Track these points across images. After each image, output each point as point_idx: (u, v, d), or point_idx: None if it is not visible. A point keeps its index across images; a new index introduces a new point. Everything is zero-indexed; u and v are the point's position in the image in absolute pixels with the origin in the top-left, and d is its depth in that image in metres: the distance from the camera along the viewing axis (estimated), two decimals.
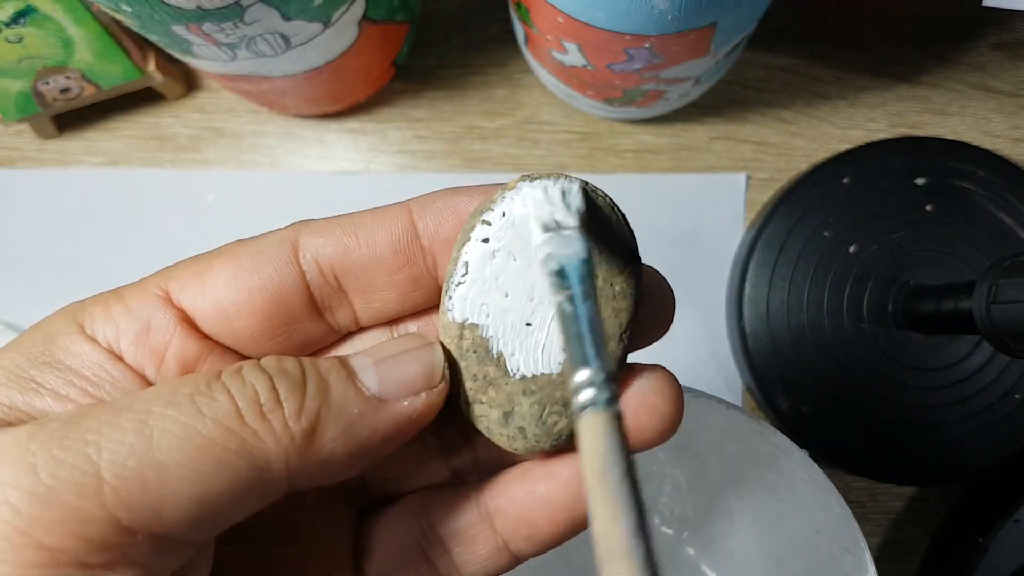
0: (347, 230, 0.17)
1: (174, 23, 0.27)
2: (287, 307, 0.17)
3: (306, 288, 0.17)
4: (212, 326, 0.17)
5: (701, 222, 0.40)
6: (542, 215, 0.15)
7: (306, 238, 0.17)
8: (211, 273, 0.17)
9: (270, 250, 0.17)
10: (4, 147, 0.41)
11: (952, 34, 0.41)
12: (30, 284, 0.40)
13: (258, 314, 0.17)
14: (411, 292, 0.17)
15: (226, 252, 0.17)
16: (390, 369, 0.16)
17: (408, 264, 0.17)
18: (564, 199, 0.15)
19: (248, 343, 0.17)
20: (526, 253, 0.16)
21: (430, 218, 0.17)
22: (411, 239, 0.17)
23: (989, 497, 0.36)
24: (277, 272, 0.17)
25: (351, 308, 0.18)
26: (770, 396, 0.37)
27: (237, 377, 0.15)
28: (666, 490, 0.36)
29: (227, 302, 0.16)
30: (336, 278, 0.17)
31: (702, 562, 0.35)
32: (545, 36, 0.32)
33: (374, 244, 0.17)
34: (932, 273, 0.36)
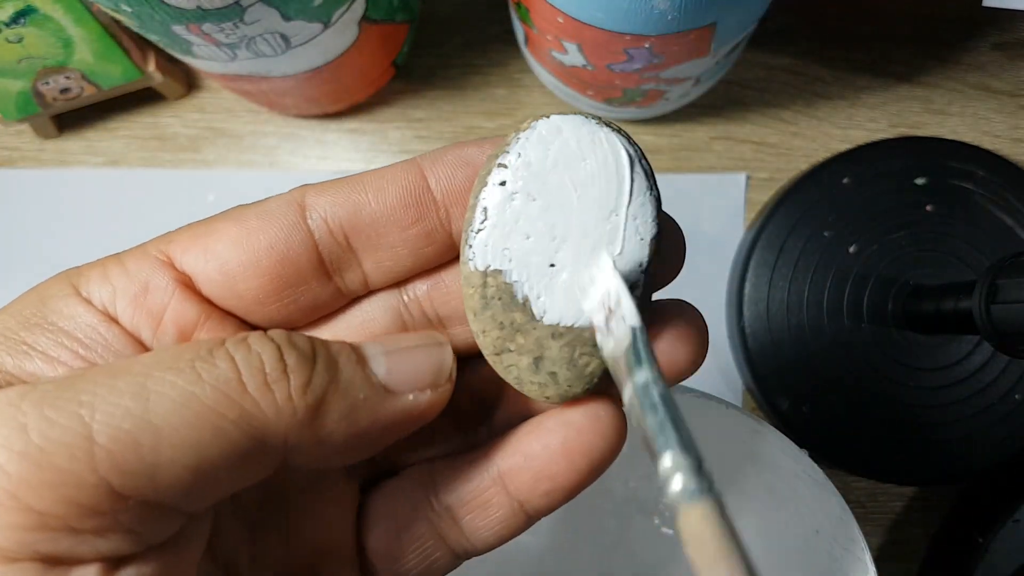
0: (356, 188, 0.17)
1: (174, 23, 0.27)
2: (294, 268, 0.16)
3: (314, 248, 0.16)
4: (215, 288, 0.16)
5: (701, 222, 0.40)
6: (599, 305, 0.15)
7: (313, 198, 0.17)
8: (215, 236, 0.16)
9: (276, 211, 0.16)
10: (4, 147, 0.41)
11: (952, 34, 0.41)
12: (30, 284, 0.40)
13: (264, 275, 0.16)
14: (424, 248, 0.17)
15: (230, 216, 0.17)
16: (401, 360, 0.16)
17: (421, 218, 0.17)
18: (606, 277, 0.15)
19: (252, 305, 0.17)
20: (545, 192, 0.16)
21: (442, 171, 0.17)
22: (423, 191, 0.17)
23: (989, 497, 0.36)
24: (284, 232, 0.16)
25: (361, 269, 0.17)
26: (770, 396, 0.37)
27: (243, 345, 0.14)
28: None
29: (232, 263, 0.16)
30: (346, 237, 0.17)
31: None
32: (545, 36, 0.32)
33: (385, 199, 0.17)
34: (932, 273, 0.36)
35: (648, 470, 0.36)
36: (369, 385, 0.15)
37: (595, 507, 0.36)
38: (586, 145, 0.16)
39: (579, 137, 0.16)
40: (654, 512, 0.36)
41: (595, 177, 0.16)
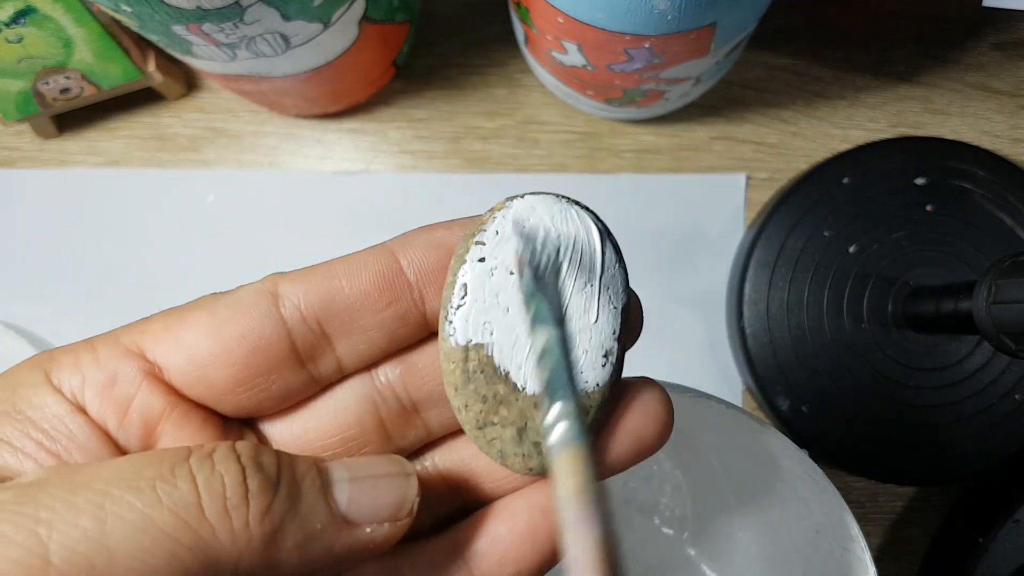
0: (329, 275, 0.17)
1: (174, 23, 0.27)
2: (267, 357, 0.16)
3: (287, 337, 0.17)
4: (185, 379, 0.16)
5: (701, 222, 0.40)
6: (524, 256, 0.15)
7: (286, 287, 0.17)
8: (185, 325, 0.16)
9: (248, 300, 0.17)
10: (4, 147, 0.41)
11: (952, 34, 0.41)
12: (30, 284, 0.40)
13: (236, 364, 0.16)
14: (398, 329, 0.17)
15: (201, 305, 0.17)
16: (364, 490, 0.16)
17: (395, 300, 0.17)
18: (545, 243, 0.16)
19: (223, 395, 0.17)
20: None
21: (414, 253, 0.17)
22: (396, 274, 0.17)
23: (989, 497, 0.36)
24: (256, 322, 0.16)
25: (334, 354, 0.17)
26: (770, 396, 0.37)
27: (207, 463, 0.14)
28: (666, 491, 0.36)
29: (203, 353, 0.16)
30: (319, 324, 0.17)
31: (702, 563, 0.35)
32: (545, 36, 0.32)
33: (359, 283, 0.17)
34: (932, 273, 0.36)
35: (648, 471, 0.36)
36: (328, 514, 0.15)
37: None
38: (559, 222, 0.17)
39: (552, 214, 0.17)
40: (654, 512, 0.36)
41: (568, 252, 0.17)
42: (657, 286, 0.40)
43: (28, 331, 0.39)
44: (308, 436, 0.18)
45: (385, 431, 0.18)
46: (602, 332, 0.17)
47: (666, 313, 0.39)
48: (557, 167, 0.40)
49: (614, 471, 0.17)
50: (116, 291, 0.40)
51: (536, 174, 0.40)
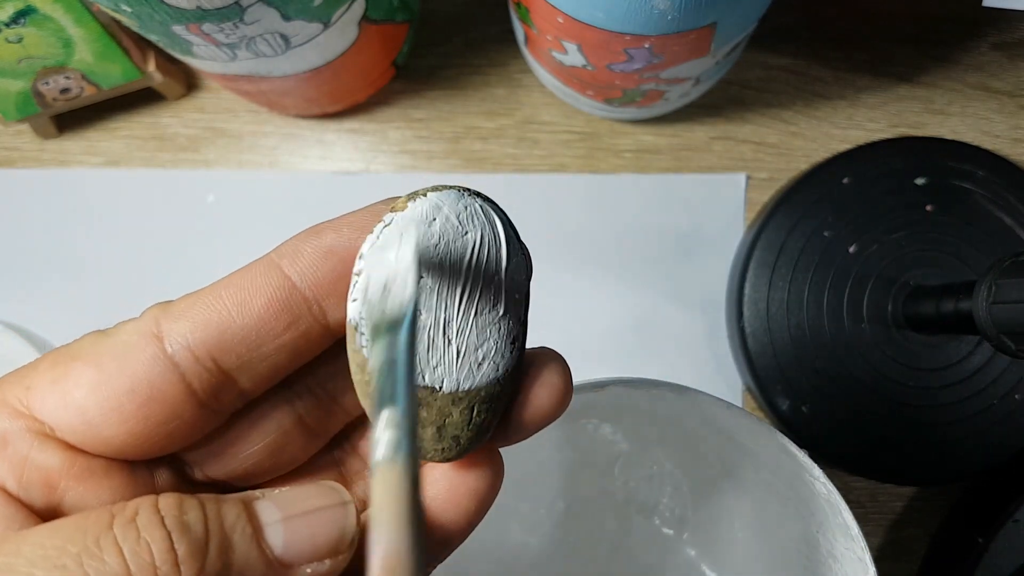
0: (214, 306, 0.15)
1: (174, 23, 0.27)
2: (161, 406, 0.15)
3: (181, 382, 0.15)
4: (79, 438, 0.15)
5: (701, 222, 0.40)
6: (371, 269, 0.15)
7: (169, 325, 0.15)
8: (71, 381, 0.15)
9: (132, 347, 0.15)
10: (4, 147, 0.41)
11: (952, 34, 0.41)
12: (30, 284, 0.40)
13: (129, 420, 0.15)
14: (302, 348, 0.16)
15: (85, 354, 0.15)
16: (299, 529, 0.15)
17: (294, 322, 0.16)
18: (399, 244, 0.15)
19: (123, 448, 0.16)
20: (432, 267, 0.16)
21: (304, 265, 0.16)
22: (290, 292, 0.16)
23: (989, 497, 0.36)
24: (145, 371, 0.15)
25: (236, 387, 0.16)
26: (770, 396, 0.37)
27: (131, 531, 0.14)
28: (667, 491, 0.36)
29: (92, 412, 0.15)
30: (215, 362, 0.15)
31: (702, 563, 0.35)
32: (545, 36, 0.32)
33: (250, 311, 0.15)
34: (932, 273, 0.36)
35: (648, 471, 0.36)
36: (264, 562, 0.15)
37: (596, 508, 0.36)
38: (465, 218, 0.16)
39: (458, 211, 0.16)
40: (654, 513, 0.36)
41: (476, 247, 0.16)
42: (657, 286, 0.40)
43: (28, 331, 0.39)
44: (228, 451, 0.17)
45: (306, 426, 0.18)
46: (509, 321, 0.17)
47: (666, 313, 0.39)
48: (557, 167, 0.40)
49: (525, 433, 0.17)
50: (116, 291, 0.40)
51: (536, 174, 0.40)
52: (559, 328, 0.39)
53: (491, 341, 0.17)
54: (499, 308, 0.17)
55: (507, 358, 0.17)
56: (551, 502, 0.36)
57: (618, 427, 0.35)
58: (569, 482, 0.36)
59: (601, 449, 0.36)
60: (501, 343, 0.17)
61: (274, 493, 0.16)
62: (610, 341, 0.39)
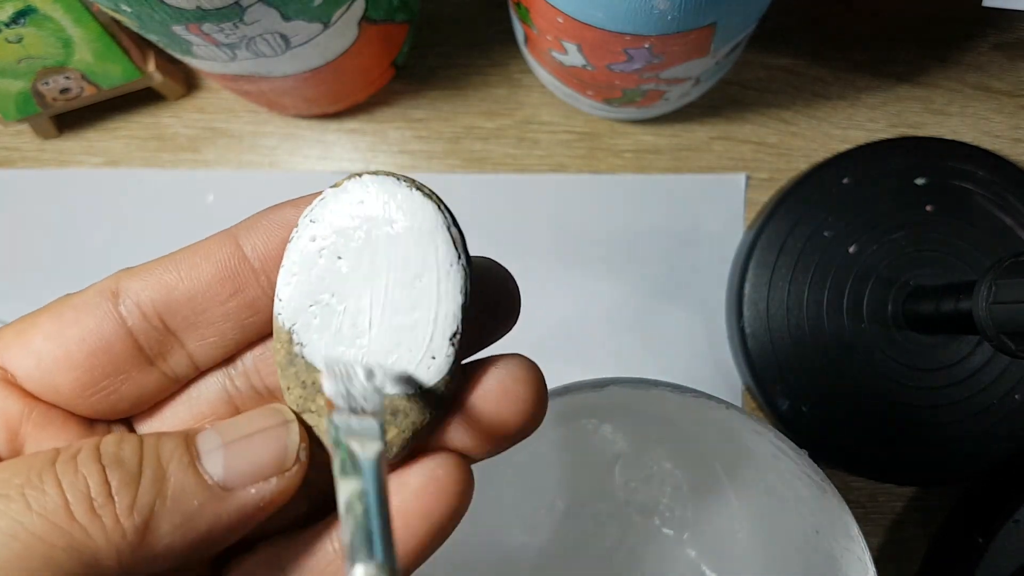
0: (167, 268, 0.16)
1: (174, 23, 0.27)
2: (109, 358, 0.16)
3: (129, 336, 0.16)
4: (34, 384, 0.16)
5: (701, 222, 0.40)
6: (339, 391, 0.14)
7: (126, 283, 0.16)
8: (34, 330, 0.16)
9: (89, 301, 0.16)
10: (4, 147, 0.41)
11: (952, 34, 0.41)
12: (30, 284, 0.40)
13: (78, 368, 0.16)
14: (249, 319, 0.17)
15: (51, 308, 0.17)
16: (239, 453, 0.15)
17: (240, 289, 0.16)
18: (369, 379, 0.14)
19: (72, 398, 0.16)
20: (350, 253, 0.15)
21: (257, 237, 0.16)
22: (239, 262, 0.16)
23: (989, 497, 0.36)
24: (95, 322, 0.16)
25: (184, 350, 0.17)
26: (770, 396, 0.37)
27: (70, 466, 0.14)
28: (667, 491, 0.36)
29: (46, 358, 0.16)
30: (162, 320, 0.16)
31: (702, 563, 0.35)
32: (545, 36, 0.32)
33: (199, 275, 0.16)
34: (932, 273, 0.36)
35: (648, 472, 0.36)
36: (203, 489, 0.15)
37: (595, 509, 0.36)
38: (394, 207, 0.15)
39: (388, 198, 0.15)
40: (654, 513, 0.36)
41: (402, 240, 0.15)
42: (657, 286, 0.40)
43: None
44: (165, 426, 0.18)
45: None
46: (429, 331, 0.15)
47: (666, 313, 0.39)
48: (557, 167, 0.40)
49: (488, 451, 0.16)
50: None
51: (536, 174, 0.40)
52: (558, 328, 0.39)
53: (404, 348, 0.15)
54: (418, 316, 0.15)
55: (424, 374, 0.15)
56: (551, 502, 0.36)
57: (618, 427, 0.35)
58: (569, 482, 0.36)
59: (601, 449, 0.36)
60: (416, 354, 0.15)
61: (219, 424, 0.16)
62: (610, 341, 0.39)
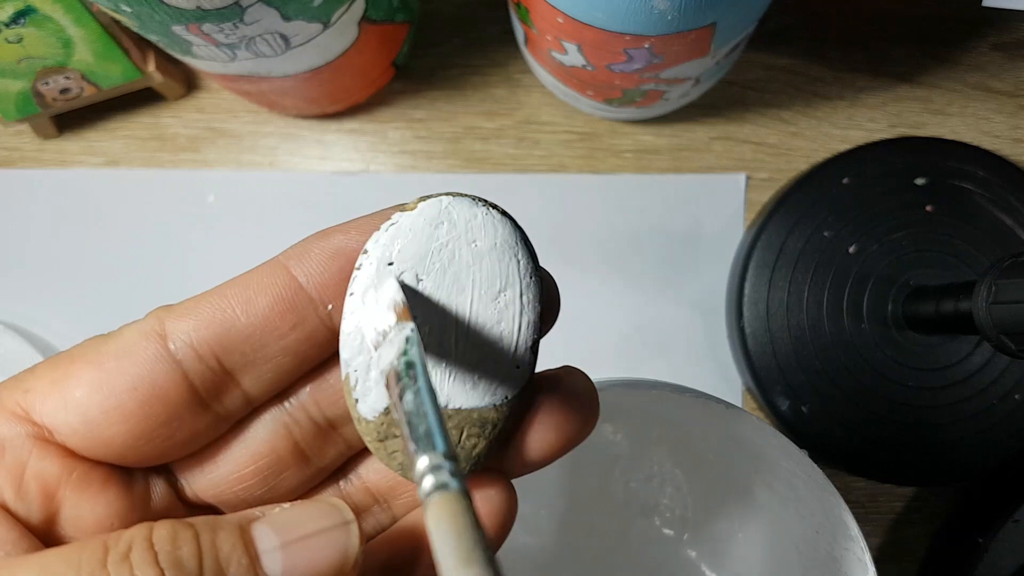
0: (219, 305, 0.15)
1: (174, 23, 0.27)
2: (163, 405, 0.15)
3: (184, 380, 0.15)
4: (79, 439, 0.15)
5: (701, 222, 0.40)
6: (366, 322, 0.14)
7: (174, 323, 0.15)
8: (71, 381, 0.15)
9: (134, 346, 0.15)
10: (4, 147, 0.41)
11: (952, 34, 0.41)
12: (30, 284, 0.40)
13: (130, 419, 0.15)
14: (308, 351, 0.16)
15: (85, 355, 0.15)
16: (298, 554, 0.15)
17: (300, 322, 0.16)
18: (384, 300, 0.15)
19: (122, 451, 0.15)
20: (433, 274, 0.15)
21: (312, 266, 0.16)
22: (296, 293, 0.16)
23: (989, 497, 0.36)
24: (147, 369, 0.15)
25: (240, 389, 0.16)
26: (770, 396, 0.37)
27: (125, 569, 0.13)
28: (667, 492, 0.36)
29: (93, 411, 0.15)
30: (218, 360, 0.15)
31: (702, 563, 0.35)
32: (545, 36, 0.32)
33: (255, 310, 0.15)
34: (932, 273, 0.36)
35: (649, 472, 0.36)
36: None
37: (596, 509, 0.36)
38: (476, 227, 0.15)
39: (468, 218, 0.15)
40: (654, 513, 0.36)
41: (484, 259, 0.15)
42: (657, 286, 0.40)
43: (28, 331, 0.39)
44: (220, 472, 0.17)
45: (302, 453, 0.17)
46: (516, 345, 0.16)
47: (666, 313, 0.39)
48: (557, 167, 0.40)
49: (534, 466, 0.17)
50: (116, 291, 0.40)
51: (536, 174, 0.40)
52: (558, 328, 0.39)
53: (491, 361, 0.16)
54: (503, 328, 0.16)
55: (508, 384, 0.16)
56: (551, 502, 0.36)
57: (618, 427, 0.35)
58: (569, 482, 0.36)
59: (601, 449, 0.36)
60: (502, 365, 0.16)
61: (273, 512, 0.15)
62: (610, 341, 0.39)
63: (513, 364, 0.16)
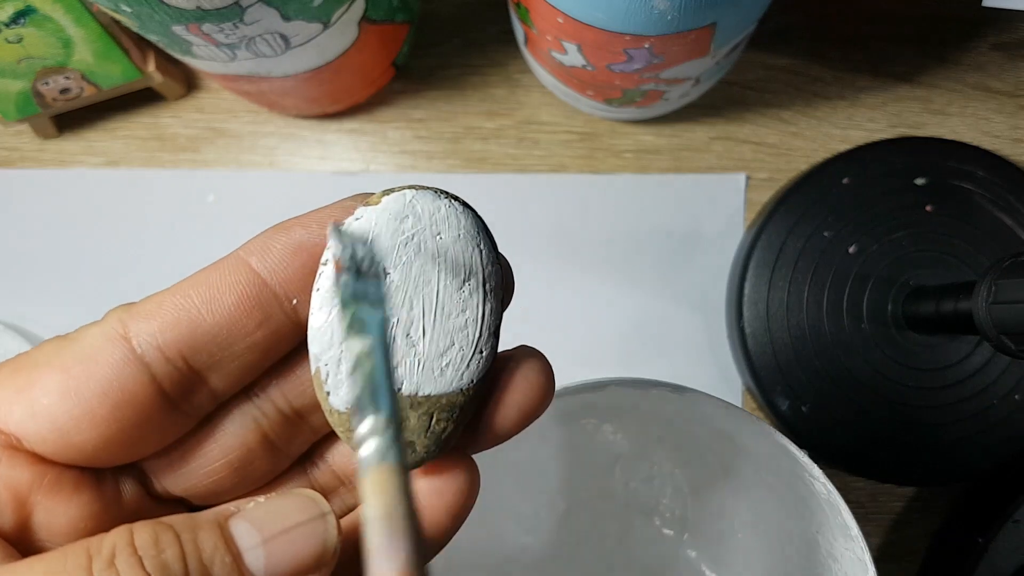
0: (183, 304, 0.15)
1: (174, 23, 0.27)
2: (134, 409, 0.15)
3: (152, 383, 0.15)
4: (49, 446, 0.15)
5: (701, 222, 0.40)
6: (344, 256, 0.14)
7: (137, 325, 0.15)
8: (37, 389, 0.15)
9: (100, 350, 0.15)
10: (4, 147, 0.41)
11: (952, 34, 0.41)
12: (30, 284, 0.40)
13: (101, 424, 0.15)
14: (273, 345, 0.16)
15: (49, 361, 0.15)
16: (279, 549, 0.15)
17: (266, 318, 0.16)
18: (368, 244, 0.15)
19: (94, 454, 0.15)
20: (399, 266, 0.16)
21: (274, 261, 0.16)
22: (260, 290, 0.16)
23: (989, 497, 0.36)
24: (115, 373, 0.15)
25: (207, 388, 0.16)
26: (770, 396, 0.37)
27: (111, 574, 0.13)
28: (667, 492, 0.36)
29: (62, 419, 0.15)
30: (186, 361, 0.15)
31: (702, 563, 0.35)
32: (545, 36, 0.32)
33: (221, 308, 0.15)
34: (932, 273, 0.36)
35: (648, 472, 0.36)
36: None
37: (596, 509, 0.36)
38: (439, 219, 0.16)
39: (432, 211, 0.16)
40: (654, 513, 0.36)
41: (448, 250, 0.16)
42: (657, 286, 0.40)
43: (28, 331, 0.39)
44: (190, 467, 0.17)
45: (271, 444, 0.17)
46: (479, 331, 0.16)
47: (666, 313, 0.39)
48: (557, 167, 0.40)
49: (500, 440, 0.17)
50: (116, 291, 0.40)
51: (536, 174, 0.40)
52: (558, 328, 0.39)
53: (456, 348, 0.16)
54: (468, 315, 0.16)
55: (473, 368, 0.16)
56: (551, 502, 0.36)
57: (618, 427, 0.35)
58: (569, 482, 0.36)
59: (601, 449, 0.36)
60: (468, 352, 0.16)
61: (249, 507, 0.15)
62: (610, 341, 0.39)
63: (478, 349, 0.16)
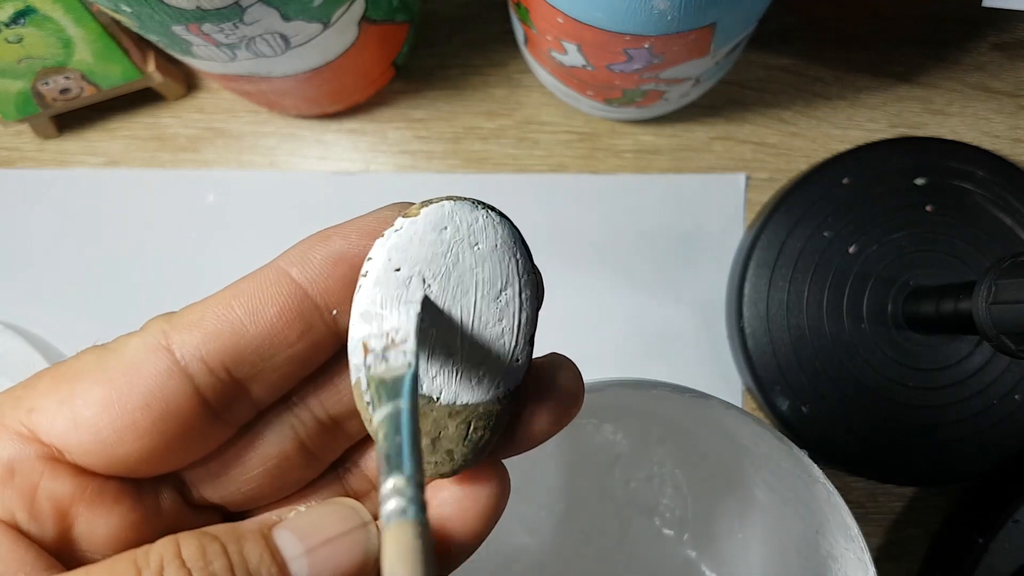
0: (226, 315, 0.15)
1: (174, 23, 0.27)
2: (177, 420, 0.15)
3: (195, 394, 0.15)
4: (91, 458, 0.15)
5: (701, 222, 0.40)
6: (372, 331, 0.15)
7: (180, 336, 0.15)
8: (79, 400, 0.15)
9: (143, 361, 0.15)
10: (4, 147, 0.41)
11: (952, 34, 0.41)
12: (30, 284, 0.40)
13: (144, 436, 0.15)
14: (314, 355, 0.16)
15: (91, 372, 0.15)
16: (322, 559, 0.15)
17: (308, 329, 0.16)
18: (399, 314, 0.15)
19: (136, 465, 0.15)
20: (439, 276, 0.16)
21: (314, 272, 0.16)
22: (302, 301, 0.16)
23: (989, 497, 0.36)
24: (158, 385, 0.15)
25: (248, 397, 0.16)
26: (770, 396, 0.37)
27: None
28: (667, 492, 0.36)
29: (105, 431, 0.15)
30: (228, 372, 0.15)
31: (702, 563, 0.36)
32: (545, 36, 0.32)
33: (265, 320, 0.15)
34: (932, 273, 0.36)
35: (649, 473, 0.36)
36: None
37: (596, 509, 0.36)
38: (477, 230, 0.16)
39: (470, 222, 0.16)
40: (654, 513, 0.36)
41: (486, 260, 0.16)
42: (657, 286, 0.40)
43: (28, 331, 0.39)
44: (229, 474, 0.17)
45: (307, 451, 0.17)
46: (515, 340, 0.16)
47: (666, 313, 0.39)
48: (557, 167, 0.40)
49: (532, 446, 0.17)
50: (116, 291, 0.40)
51: (536, 174, 0.40)
52: (558, 328, 0.39)
53: (494, 358, 0.16)
54: (504, 325, 0.16)
55: (510, 376, 0.16)
56: (551, 503, 0.36)
57: (618, 427, 0.35)
58: (569, 482, 0.36)
59: (601, 449, 0.36)
60: (504, 360, 0.16)
61: (291, 517, 0.15)
62: (610, 341, 0.39)
63: (514, 358, 0.16)
